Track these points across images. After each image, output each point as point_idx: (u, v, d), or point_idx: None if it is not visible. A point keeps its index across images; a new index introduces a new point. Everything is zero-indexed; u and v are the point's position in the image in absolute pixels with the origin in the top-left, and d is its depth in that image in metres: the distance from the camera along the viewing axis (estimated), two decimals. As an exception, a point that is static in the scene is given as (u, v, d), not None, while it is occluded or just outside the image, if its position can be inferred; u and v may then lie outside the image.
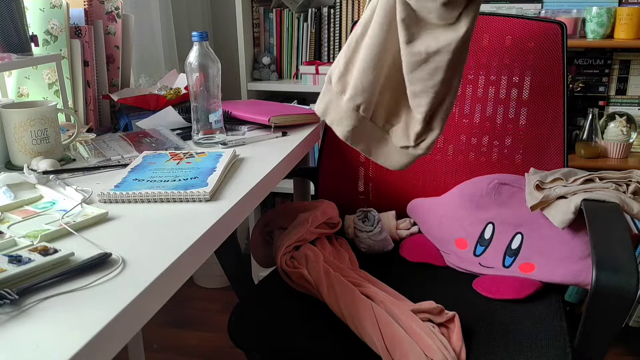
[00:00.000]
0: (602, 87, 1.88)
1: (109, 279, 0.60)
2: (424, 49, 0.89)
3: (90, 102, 1.24)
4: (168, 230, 0.73)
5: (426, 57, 0.89)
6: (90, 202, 0.84)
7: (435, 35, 0.88)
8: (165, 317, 1.99)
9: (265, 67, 2.00)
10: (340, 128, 1.01)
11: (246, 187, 0.89)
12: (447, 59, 0.88)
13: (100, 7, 1.25)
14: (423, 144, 0.97)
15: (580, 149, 1.83)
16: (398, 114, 1.00)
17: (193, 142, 1.16)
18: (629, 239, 0.86)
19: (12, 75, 1.20)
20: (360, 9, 1.90)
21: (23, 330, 0.52)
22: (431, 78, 0.90)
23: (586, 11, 1.75)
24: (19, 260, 0.62)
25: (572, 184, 1.03)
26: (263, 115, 1.24)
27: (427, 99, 0.92)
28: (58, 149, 1.03)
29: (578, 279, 1.02)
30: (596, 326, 0.83)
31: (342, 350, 0.93)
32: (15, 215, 0.79)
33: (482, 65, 1.27)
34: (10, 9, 1.06)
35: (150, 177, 0.91)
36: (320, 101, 1.06)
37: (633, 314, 1.76)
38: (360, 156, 1.38)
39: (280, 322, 1.00)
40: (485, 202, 1.17)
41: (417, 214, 1.30)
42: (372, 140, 1.01)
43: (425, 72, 0.90)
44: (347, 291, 0.97)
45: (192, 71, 1.10)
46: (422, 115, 0.94)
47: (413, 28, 0.89)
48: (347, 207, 1.38)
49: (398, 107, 0.99)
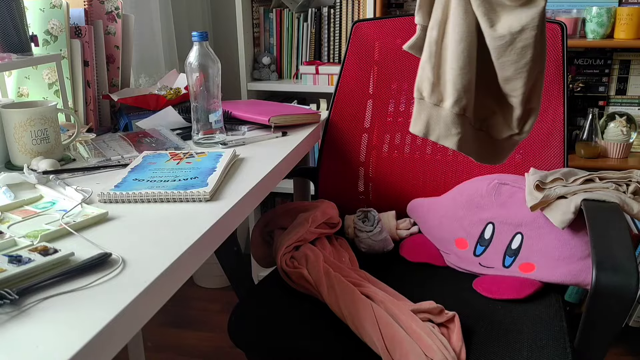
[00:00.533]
0: (602, 87, 1.88)
1: (109, 279, 0.60)
2: (508, 31, 0.86)
3: (90, 102, 1.24)
4: (168, 230, 0.73)
5: (511, 38, 0.86)
6: (90, 202, 0.84)
7: (516, 14, 0.86)
8: (165, 317, 1.99)
9: (265, 67, 2.00)
10: (450, 140, 0.95)
11: (246, 187, 0.89)
12: (533, 35, 0.85)
13: (100, 7, 1.25)
14: (526, 127, 0.94)
15: (580, 149, 1.83)
16: (489, 106, 0.97)
17: (193, 142, 1.16)
18: (629, 239, 0.86)
19: (12, 75, 1.20)
20: (360, 9, 1.90)
21: (23, 330, 0.52)
22: (521, 58, 0.87)
23: (586, 11, 1.75)
24: (19, 260, 0.62)
25: (572, 184, 1.03)
26: (263, 115, 1.24)
27: (521, 81, 0.89)
28: (58, 149, 1.03)
29: (578, 279, 1.02)
30: (596, 326, 0.83)
31: (342, 350, 0.93)
32: (15, 215, 0.79)
33: (482, 65, 1.27)
34: (10, 9, 1.06)
35: (150, 177, 0.91)
36: (417, 121, 0.99)
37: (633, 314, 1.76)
38: (360, 156, 1.38)
39: (280, 322, 1.00)
40: (485, 202, 1.17)
41: (417, 214, 1.30)
42: (476, 141, 0.98)
43: (514, 54, 0.87)
44: (347, 291, 0.97)
45: (192, 71, 1.10)
46: (520, 97, 0.91)
47: (491, 13, 0.86)
48: (347, 207, 1.38)
49: (487, 100, 0.96)
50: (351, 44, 1.37)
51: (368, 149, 1.37)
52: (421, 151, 1.34)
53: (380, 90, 1.35)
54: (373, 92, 1.36)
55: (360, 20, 1.36)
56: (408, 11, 1.97)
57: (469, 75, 0.90)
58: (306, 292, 1.05)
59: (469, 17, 0.89)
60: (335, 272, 1.03)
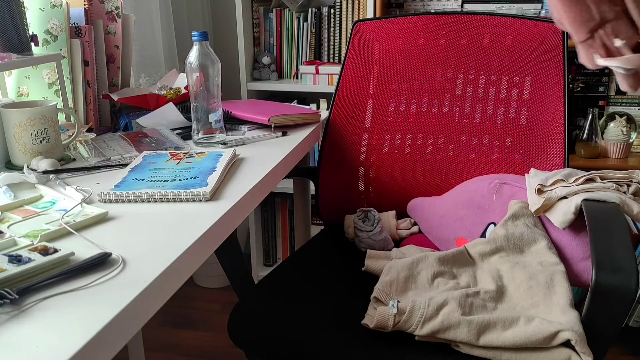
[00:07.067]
0: (602, 87, 1.88)
1: (109, 279, 0.60)
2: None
3: (90, 102, 1.24)
4: (168, 230, 0.73)
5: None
6: (90, 202, 0.84)
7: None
8: (165, 317, 1.99)
9: (265, 67, 2.00)
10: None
11: (246, 187, 0.89)
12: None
13: (100, 6, 1.25)
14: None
15: (580, 149, 1.83)
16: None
17: (193, 141, 1.16)
18: (629, 239, 0.86)
19: (12, 75, 1.20)
20: (360, 8, 1.90)
21: (23, 330, 0.52)
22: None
23: (586, 11, 1.75)
24: (19, 260, 0.62)
25: (573, 184, 1.03)
26: (263, 115, 1.24)
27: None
28: (58, 149, 1.03)
29: (579, 279, 1.02)
30: (596, 326, 0.83)
31: (342, 350, 0.93)
32: (15, 214, 0.79)
33: (483, 65, 1.27)
34: (10, 8, 1.06)
35: (150, 176, 0.91)
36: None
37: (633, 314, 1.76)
38: (360, 156, 1.38)
39: (280, 321, 1.00)
40: (486, 202, 1.16)
41: (417, 213, 1.30)
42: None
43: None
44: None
45: (192, 71, 1.10)
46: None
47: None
48: (347, 207, 1.38)
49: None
50: (351, 44, 1.37)
51: (368, 149, 1.37)
52: (421, 151, 1.34)
53: (380, 90, 1.35)
54: (373, 92, 1.36)
55: (360, 20, 1.36)
56: (408, 11, 1.96)
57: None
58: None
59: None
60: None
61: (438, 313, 0.88)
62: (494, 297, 0.93)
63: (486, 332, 0.85)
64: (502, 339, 0.84)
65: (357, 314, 0.99)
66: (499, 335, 0.84)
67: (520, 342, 0.83)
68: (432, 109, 1.32)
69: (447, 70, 1.30)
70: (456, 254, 1.05)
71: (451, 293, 0.92)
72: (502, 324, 0.85)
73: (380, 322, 0.89)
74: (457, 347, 0.87)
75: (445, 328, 0.86)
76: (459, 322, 0.86)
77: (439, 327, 0.86)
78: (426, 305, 0.88)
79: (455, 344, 0.87)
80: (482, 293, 0.93)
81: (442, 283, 0.98)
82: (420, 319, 0.87)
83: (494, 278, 0.98)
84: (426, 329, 0.87)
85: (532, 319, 0.85)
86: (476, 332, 0.85)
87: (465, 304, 0.90)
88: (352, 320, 0.98)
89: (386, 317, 0.89)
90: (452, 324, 0.86)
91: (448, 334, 0.86)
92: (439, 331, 0.86)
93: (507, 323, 0.85)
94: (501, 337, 0.84)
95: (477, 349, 0.86)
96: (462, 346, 0.87)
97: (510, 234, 1.03)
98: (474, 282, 1.00)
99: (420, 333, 0.87)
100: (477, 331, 0.85)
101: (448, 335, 0.86)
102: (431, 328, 0.86)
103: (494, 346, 0.85)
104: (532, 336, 0.82)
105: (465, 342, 0.86)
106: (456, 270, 1.03)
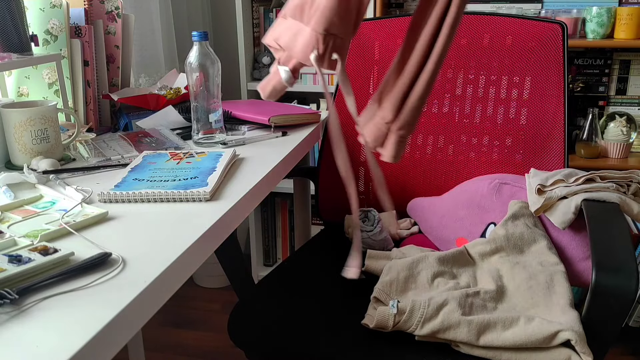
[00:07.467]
0: (602, 87, 1.88)
1: (109, 279, 0.60)
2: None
3: (90, 102, 1.24)
4: (168, 230, 0.73)
5: None
6: (90, 202, 0.84)
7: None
8: (165, 317, 1.99)
9: (265, 67, 2.00)
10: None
11: (246, 187, 0.89)
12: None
13: (100, 6, 1.25)
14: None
15: (580, 149, 1.83)
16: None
17: (193, 141, 1.16)
18: (629, 239, 0.86)
19: (12, 75, 1.20)
20: (360, 8, 1.90)
21: (23, 330, 0.52)
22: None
23: (586, 11, 1.75)
24: (19, 260, 0.62)
25: (573, 184, 1.03)
26: (263, 115, 1.24)
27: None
28: (58, 149, 1.03)
29: (580, 279, 1.02)
30: (596, 326, 0.83)
31: (342, 349, 0.93)
32: (15, 214, 0.79)
33: (483, 65, 1.27)
34: (10, 8, 1.06)
35: (150, 176, 0.91)
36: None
37: (633, 314, 1.76)
38: (360, 156, 1.38)
39: (280, 322, 1.00)
40: (486, 202, 1.16)
41: (417, 213, 1.30)
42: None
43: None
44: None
45: (192, 71, 1.10)
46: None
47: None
48: (347, 207, 1.38)
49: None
50: (351, 44, 1.37)
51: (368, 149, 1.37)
52: (421, 151, 1.34)
53: (380, 90, 1.35)
54: (373, 91, 1.36)
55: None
56: (408, 11, 1.96)
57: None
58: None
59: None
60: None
61: (438, 313, 0.88)
62: (494, 297, 0.93)
63: (486, 332, 0.85)
64: (502, 339, 0.84)
65: (357, 314, 0.99)
66: (499, 335, 0.84)
67: (520, 342, 0.83)
68: (432, 109, 1.32)
69: (447, 70, 1.30)
70: (456, 254, 1.05)
71: (451, 293, 0.92)
72: (502, 324, 0.85)
73: (380, 322, 0.89)
74: (457, 347, 0.87)
75: (445, 328, 0.86)
76: (459, 322, 0.86)
77: (439, 327, 0.86)
78: (426, 305, 0.88)
79: (455, 344, 0.87)
80: (482, 293, 0.93)
81: (442, 283, 0.98)
82: (420, 319, 0.88)
83: (494, 278, 0.98)
84: (426, 329, 0.87)
85: (532, 319, 0.85)
86: (476, 332, 0.85)
87: (465, 304, 0.90)
88: (352, 320, 0.98)
89: (386, 317, 0.89)
90: (452, 324, 0.86)
91: (448, 334, 0.86)
92: (439, 331, 0.86)
93: (507, 323, 0.85)
94: (501, 337, 0.84)
95: (477, 349, 0.86)
96: (462, 346, 0.87)
97: (510, 234, 1.03)
98: (474, 282, 1.00)
99: (420, 333, 0.87)
100: (477, 331, 0.85)
101: (448, 335, 0.86)
102: (431, 328, 0.86)
103: (494, 346, 0.85)
104: (532, 336, 0.82)
105: (465, 342, 0.86)
106: (456, 270, 1.03)
